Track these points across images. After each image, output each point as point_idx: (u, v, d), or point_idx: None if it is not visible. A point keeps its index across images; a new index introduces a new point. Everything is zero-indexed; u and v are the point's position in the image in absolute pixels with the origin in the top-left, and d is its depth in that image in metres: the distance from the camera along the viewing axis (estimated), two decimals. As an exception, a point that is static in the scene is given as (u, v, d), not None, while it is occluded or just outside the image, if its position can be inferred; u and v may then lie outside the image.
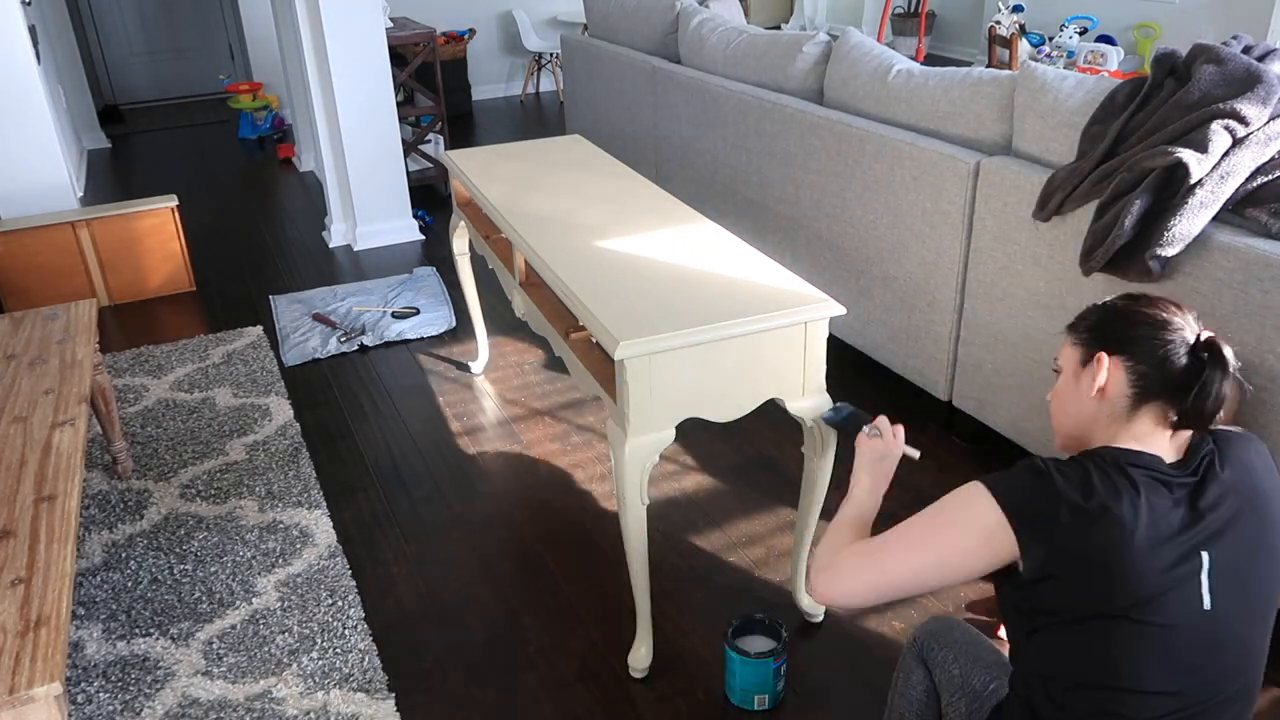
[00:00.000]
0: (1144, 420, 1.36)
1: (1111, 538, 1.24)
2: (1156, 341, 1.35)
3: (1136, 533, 1.24)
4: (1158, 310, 1.38)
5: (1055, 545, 1.26)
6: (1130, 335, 1.37)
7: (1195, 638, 1.26)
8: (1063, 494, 1.27)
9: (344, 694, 2.02)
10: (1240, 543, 1.29)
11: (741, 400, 1.88)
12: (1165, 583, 1.24)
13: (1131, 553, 1.24)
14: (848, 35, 3.12)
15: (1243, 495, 1.31)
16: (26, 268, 3.79)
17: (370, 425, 3.04)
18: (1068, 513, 1.25)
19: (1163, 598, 1.24)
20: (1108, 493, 1.26)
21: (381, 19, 4.23)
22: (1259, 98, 1.95)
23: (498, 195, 2.54)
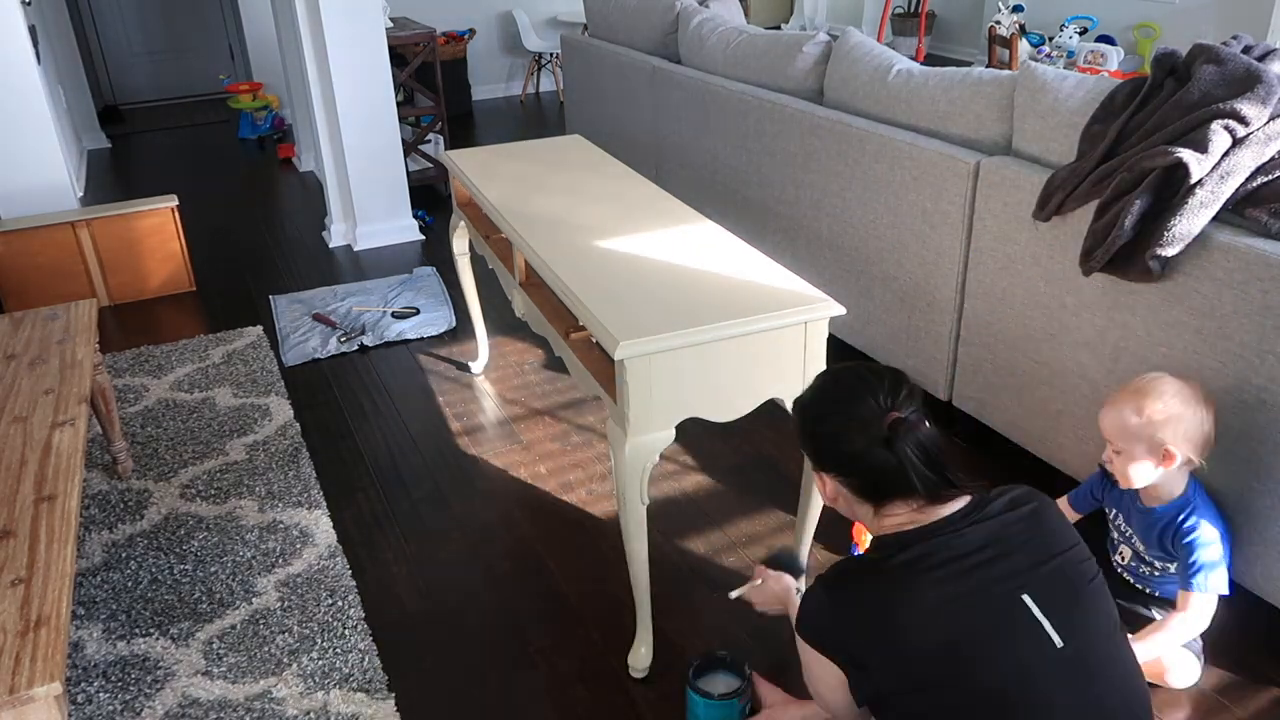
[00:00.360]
0: (895, 510, 1.36)
1: (909, 629, 1.25)
2: (850, 452, 1.34)
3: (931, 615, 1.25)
4: (841, 410, 1.36)
5: (875, 667, 1.29)
6: (832, 450, 1.38)
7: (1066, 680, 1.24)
8: (840, 610, 1.32)
9: (344, 694, 2.02)
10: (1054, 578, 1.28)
11: (741, 400, 1.88)
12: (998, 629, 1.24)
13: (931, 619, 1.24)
14: (848, 35, 3.12)
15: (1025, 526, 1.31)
16: (26, 268, 3.79)
17: (370, 425, 3.04)
18: (870, 641, 1.29)
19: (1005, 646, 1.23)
20: (894, 604, 1.27)
21: (381, 19, 4.23)
22: (1259, 98, 1.95)
23: (498, 195, 2.54)
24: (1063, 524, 1.35)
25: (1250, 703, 1.95)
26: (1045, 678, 1.23)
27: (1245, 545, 2.03)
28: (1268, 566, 2.00)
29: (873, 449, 1.32)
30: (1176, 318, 2.05)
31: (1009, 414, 2.58)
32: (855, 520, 1.47)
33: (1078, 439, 2.37)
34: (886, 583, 1.29)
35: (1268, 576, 2.01)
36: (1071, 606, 1.27)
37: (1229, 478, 2.02)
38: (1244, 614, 2.15)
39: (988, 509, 1.33)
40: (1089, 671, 1.25)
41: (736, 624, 2.19)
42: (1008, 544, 1.29)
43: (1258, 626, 2.12)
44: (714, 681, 1.89)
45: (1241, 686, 1.98)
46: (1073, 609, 1.27)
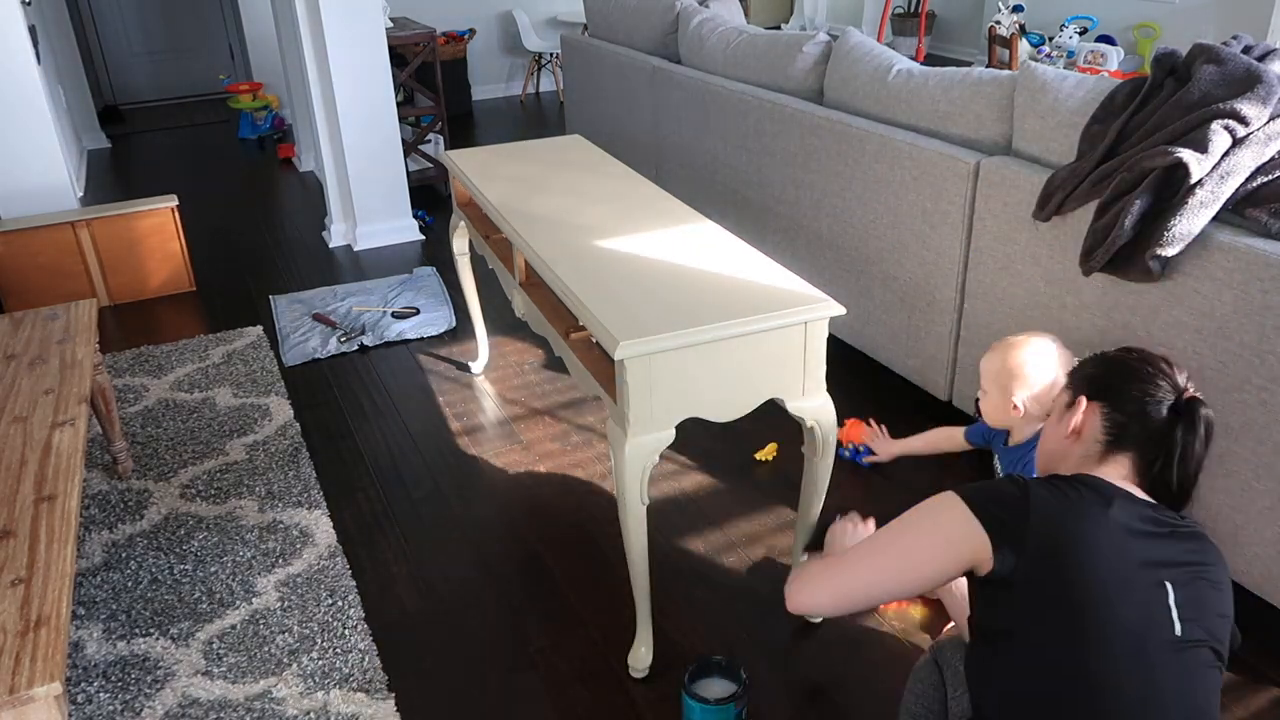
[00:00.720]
0: (1113, 467, 1.41)
1: (1089, 534, 1.28)
2: (1139, 394, 1.41)
3: (1116, 526, 1.30)
4: (1149, 366, 1.43)
5: (1027, 548, 1.29)
6: (1116, 385, 1.44)
7: (1170, 670, 1.26)
8: (1037, 502, 1.32)
9: (344, 694, 2.02)
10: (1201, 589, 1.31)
11: (741, 400, 1.88)
12: (1133, 590, 1.27)
13: (1108, 542, 1.28)
14: (848, 35, 3.12)
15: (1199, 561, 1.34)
16: (26, 268, 3.79)
17: (370, 425, 3.04)
18: (1041, 519, 1.30)
19: (1129, 605, 1.26)
20: (1080, 501, 1.32)
21: (381, 19, 4.23)
22: (1259, 97, 1.95)
23: (498, 195, 2.54)
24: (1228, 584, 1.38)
25: (1250, 703, 1.95)
26: (1150, 650, 1.26)
27: (1245, 545, 2.03)
28: (1267, 566, 2.00)
29: (1162, 404, 1.39)
30: (1176, 318, 2.05)
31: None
32: (1049, 463, 1.52)
33: (1078, 439, 2.37)
34: (1082, 499, 1.33)
35: (1268, 576, 2.01)
36: (1198, 621, 1.30)
37: (1229, 477, 2.03)
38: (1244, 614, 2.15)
39: (1170, 515, 1.37)
40: (1189, 673, 1.28)
41: (737, 624, 2.19)
42: (1172, 543, 1.33)
43: (1258, 626, 2.12)
44: (710, 686, 1.89)
45: (1241, 686, 1.98)
46: (1198, 623, 1.30)
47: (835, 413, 1.99)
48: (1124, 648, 1.25)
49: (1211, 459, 2.04)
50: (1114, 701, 1.24)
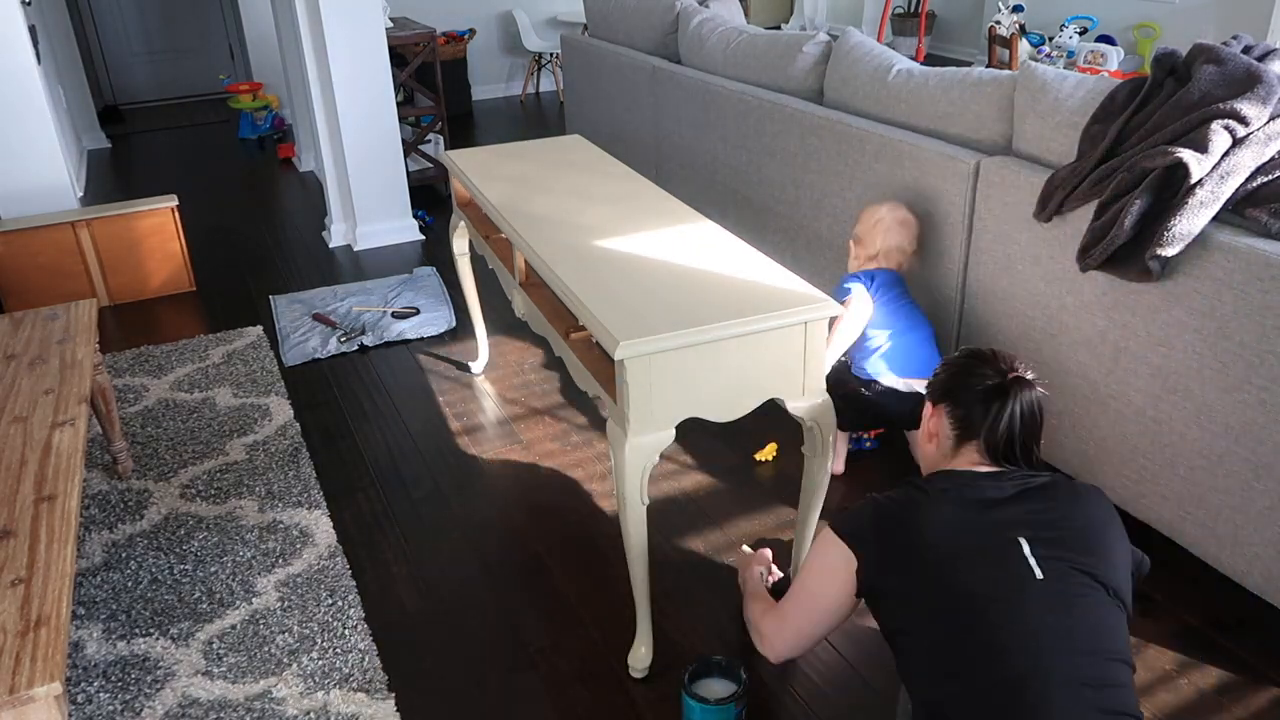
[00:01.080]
0: (964, 456, 1.63)
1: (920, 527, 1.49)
2: (969, 386, 1.62)
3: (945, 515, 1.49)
4: (976, 361, 1.65)
5: (884, 559, 1.51)
6: (953, 385, 1.66)
7: (1040, 603, 1.40)
8: (879, 514, 1.55)
9: (344, 694, 2.02)
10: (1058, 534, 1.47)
11: (741, 400, 1.88)
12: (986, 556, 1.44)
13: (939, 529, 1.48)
14: (848, 35, 3.12)
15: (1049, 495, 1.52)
16: (26, 268, 3.79)
17: (370, 425, 3.04)
18: (883, 518, 1.55)
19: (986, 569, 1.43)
20: (917, 498, 1.54)
21: (381, 19, 4.23)
22: (1259, 97, 1.95)
23: (498, 195, 2.54)
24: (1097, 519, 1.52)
25: (1250, 702, 1.95)
26: (1018, 600, 1.40)
27: (1245, 545, 2.03)
28: (1267, 566, 2.00)
29: (989, 389, 1.60)
30: (1176, 318, 2.05)
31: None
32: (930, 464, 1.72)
33: (1078, 439, 2.37)
34: (921, 496, 1.55)
35: (1268, 576, 2.01)
36: (1059, 559, 1.44)
37: (1229, 477, 2.03)
38: (1244, 614, 2.16)
39: (1027, 477, 1.56)
40: (1066, 603, 1.40)
41: (737, 624, 2.19)
42: (1019, 504, 1.51)
43: (1258, 626, 2.12)
44: (709, 686, 1.89)
45: (1241, 686, 1.98)
46: (1059, 561, 1.44)
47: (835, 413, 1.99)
48: (995, 607, 1.40)
49: (1211, 459, 2.04)
50: (1005, 655, 1.37)
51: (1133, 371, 2.18)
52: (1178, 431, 2.11)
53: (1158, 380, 2.13)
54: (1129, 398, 2.21)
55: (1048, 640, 1.36)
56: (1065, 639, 1.37)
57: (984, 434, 1.59)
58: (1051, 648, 1.36)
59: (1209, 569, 2.23)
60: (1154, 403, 2.15)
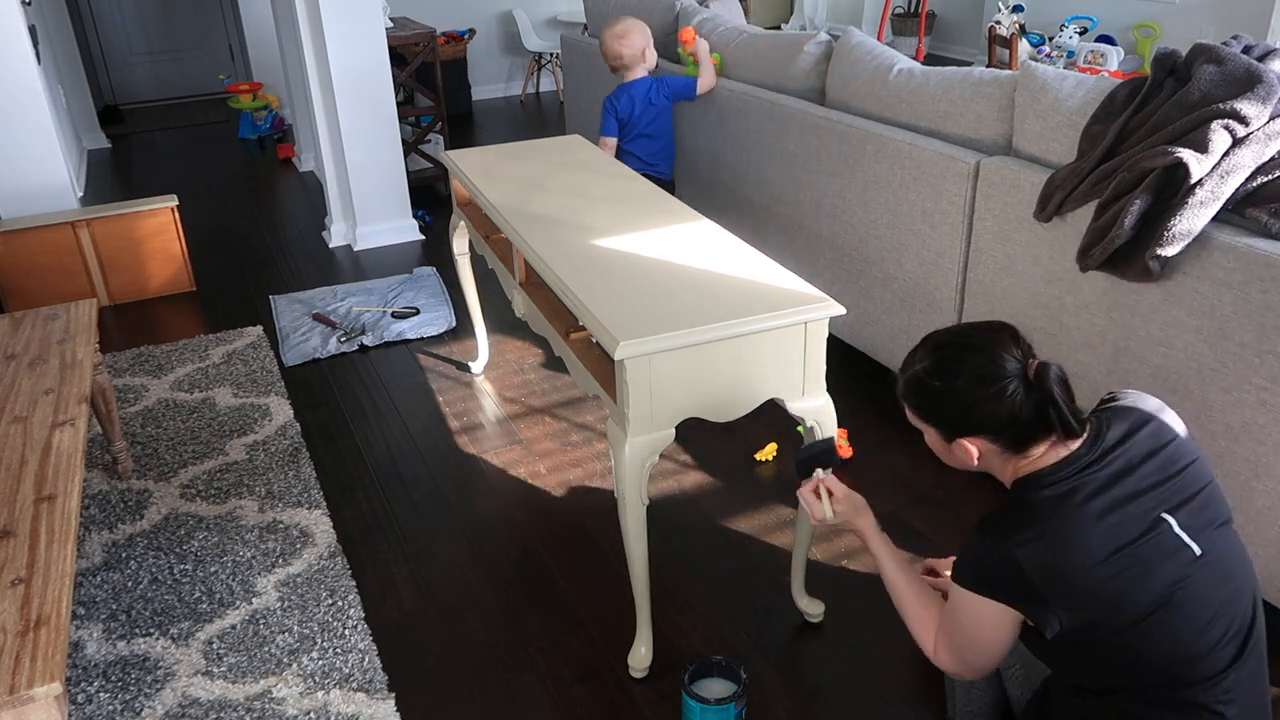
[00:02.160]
0: (1033, 451, 1.41)
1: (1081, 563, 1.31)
2: (995, 405, 1.37)
3: (1093, 537, 1.32)
4: (980, 367, 1.38)
5: (1060, 607, 1.33)
6: (971, 416, 1.40)
7: (1209, 579, 1.35)
8: (1029, 566, 1.32)
9: (344, 694, 2.02)
10: (1182, 485, 1.37)
11: (741, 400, 1.88)
12: (1144, 556, 1.32)
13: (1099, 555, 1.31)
14: (849, 35, 3.12)
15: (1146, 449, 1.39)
16: (26, 268, 3.79)
17: (370, 425, 3.04)
18: (1049, 583, 1.32)
19: (1152, 569, 1.32)
20: (1049, 530, 1.33)
21: (381, 19, 4.23)
22: (1259, 97, 1.95)
23: (497, 195, 2.54)
24: (1178, 438, 1.43)
25: (1250, 703, 1.94)
26: (1191, 582, 1.33)
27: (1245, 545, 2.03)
28: (1267, 566, 2.00)
29: (1023, 402, 1.37)
30: (1176, 318, 2.05)
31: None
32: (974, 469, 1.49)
33: (1078, 439, 2.36)
34: (1051, 524, 1.33)
35: (1267, 576, 2.01)
36: (1200, 513, 1.37)
37: (1230, 478, 2.03)
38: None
39: (1108, 437, 1.39)
40: (1225, 570, 1.37)
41: (737, 624, 2.19)
42: (1140, 470, 1.37)
43: (1258, 626, 2.12)
44: (709, 686, 1.89)
45: (1241, 686, 1.98)
46: (1201, 515, 1.37)
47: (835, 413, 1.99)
48: (1175, 600, 1.32)
49: (1211, 459, 2.04)
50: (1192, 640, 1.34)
51: (1133, 371, 2.18)
52: (1178, 431, 2.11)
53: (1158, 380, 2.13)
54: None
55: (1219, 609, 1.35)
56: (1231, 602, 1.37)
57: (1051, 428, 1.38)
58: (1222, 614, 1.36)
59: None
60: (1154, 403, 2.15)
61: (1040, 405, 1.37)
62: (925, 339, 1.51)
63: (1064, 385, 1.38)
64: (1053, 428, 1.38)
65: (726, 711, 1.84)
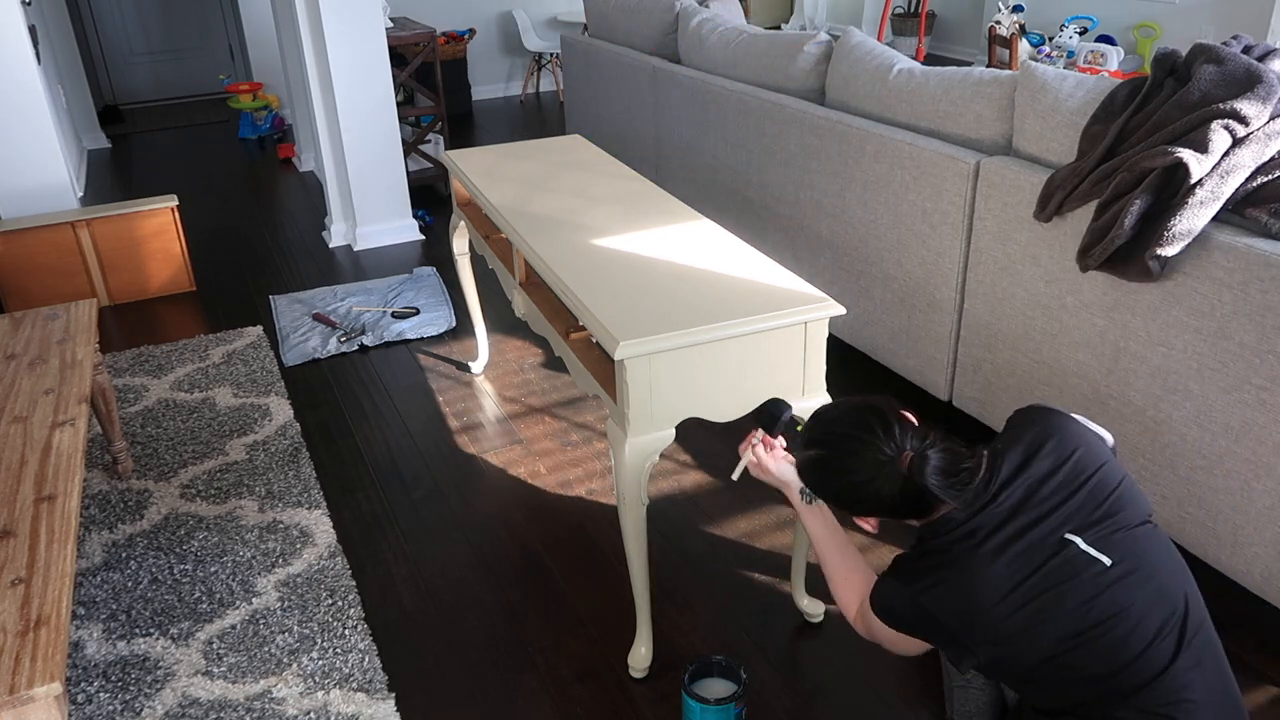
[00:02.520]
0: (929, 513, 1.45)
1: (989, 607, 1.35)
2: (873, 500, 1.43)
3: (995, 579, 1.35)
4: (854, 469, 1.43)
5: (976, 643, 1.38)
6: (856, 504, 1.46)
7: (1127, 585, 1.36)
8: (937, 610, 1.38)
9: (344, 694, 2.02)
10: (1087, 499, 1.40)
11: (741, 400, 1.88)
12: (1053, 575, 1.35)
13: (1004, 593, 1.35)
14: (849, 35, 3.12)
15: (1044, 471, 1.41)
16: (26, 268, 3.79)
17: (370, 425, 3.04)
18: (960, 625, 1.37)
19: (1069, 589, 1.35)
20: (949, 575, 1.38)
21: (381, 19, 4.23)
22: (1259, 97, 1.95)
23: (497, 195, 2.54)
24: (1081, 447, 1.44)
25: (1250, 702, 1.95)
26: (1106, 595, 1.35)
27: (1245, 545, 2.03)
28: (1267, 566, 2.00)
29: (903, 490, 1.42)
30: (1176, 318, 2.05)
31: (1010, 414, 2.57)
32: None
33: (1078, 439, 2.36)
34: (954, 570, 1.38)
35: (1267, 576, 2.01)
36: (1109, 522, 1.38)
37: (1229, 478, 2.03)
38: (1244, 614, 2.16)
39: (1003, 470, 1.42)
40: (1144, 571, 1.37)
41: (737, 624, 2.19)
42: (1039, 493, 1.40)
43: (1258, 626, 2.12)
44: (710, 686, 1.89)
45: (1241, 687, 1.98)
46: (1107, 524, 1.38)
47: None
48: (1091, 618, 1.34)
49: (1211, 459, 2.04)
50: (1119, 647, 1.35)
51: (1133, 371, 2.18)
52: (1178, 431, 2.11)
53: (1158, 380, 2.13)
54: (1129, 398, 2.21)
55: (1144, 611, 1.36)
56: (1157, 602, 1.37)
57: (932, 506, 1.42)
58: (1150, 615, 1.36)
59: (1209, 569, 2.23)
60: (1154, 403, 2.15)
61: (920, 492, 1.41)
62: (812, 419, 1.56)
63: (940, 473, 1.39)
64: (931, 507, 1.43)
65: (726, 711, 1.84)
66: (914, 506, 1.43)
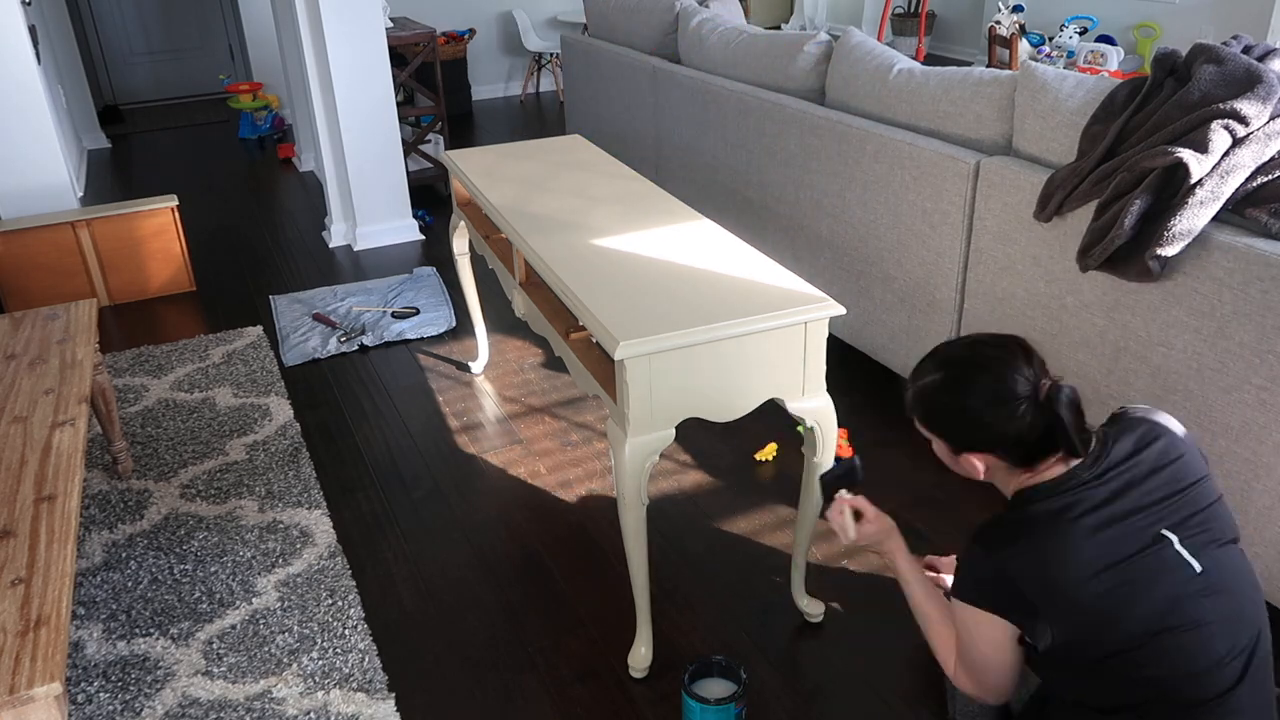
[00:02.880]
0: (1038, 466, 1.42)
1: (1072, 579, 1.33)
2: (1004, 426, 1.39)
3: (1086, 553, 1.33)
4: (991, 388, 1.39)
5: (1051, 619, 1.35)
6: (979, 434, 1.42)
7: (1211, 596, 1.34)
8: (1020, 577, 1.35)
9: (344, 694, 2.02)
10: (1186, 503, 1.38)
11: (741, 400, 1.88)
12: (1143, 569, 1.33)
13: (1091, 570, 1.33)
14: (849, 35, 3.12)
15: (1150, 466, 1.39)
16: (26, 268, 3.79)
17: (370, 425, 3.04)
18: (1040, 595, 1.34)
19: (1151, 584, 1.33)
20: (1044, 543, 1.34)
21: (381, 19, 4.23)
22: (1259, 97, 1.95)
23: (497, 195, 2.54)
24: (1187, 454, 1.43)
25: (1250, 703, 1.94)
26: (1191, 601, 1.33)
27: (1245, 545, 2.03)
28: (1268, 566, 2.00)
29: (1033, 422, 1.37)
30: (1176, 318, 2.05)
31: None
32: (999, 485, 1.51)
33: (1078, 439, 2.37)
34: (1043, 537, 1.35)
35: (1268, 576, 2.01)
36: (1203, 531, 1.37)
37: (1229, 478, 2.03)
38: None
39: (1113, 452, 1.40)
40: (1228, 588, 1.36)
41: (737, 624, 2.19)
42: (1143, 486, 1.37)
43: (1258, 626, 2.12)
44: (710, 686, 1.89)
45: (1241, 686, 1.98)
46: (1204, 534, 1.37)
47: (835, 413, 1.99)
48: (1172, 618, 1.32)
49: (1211, 459, 2.04)
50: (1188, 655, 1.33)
51: (1133, 371, 2.18)
52: (1178, 431, 2.11)
53: (1158, 380, 2.13)
54: (1129, 398, 2.21)
55: (1221, 628, 1.34)
56: (1235, 622, 1.36)
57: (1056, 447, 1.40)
58: (1225, 634, 1.35)
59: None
60: (1154, 403, 2.15)
61: (1049, 427, 1.37)
62: (935, 351, 1.50)
63: (1074, 408, 1.38)
64: (1059, 447, 1.39)
65: (726, 711, 1.84)
66: (1034, 448, 1.39)
